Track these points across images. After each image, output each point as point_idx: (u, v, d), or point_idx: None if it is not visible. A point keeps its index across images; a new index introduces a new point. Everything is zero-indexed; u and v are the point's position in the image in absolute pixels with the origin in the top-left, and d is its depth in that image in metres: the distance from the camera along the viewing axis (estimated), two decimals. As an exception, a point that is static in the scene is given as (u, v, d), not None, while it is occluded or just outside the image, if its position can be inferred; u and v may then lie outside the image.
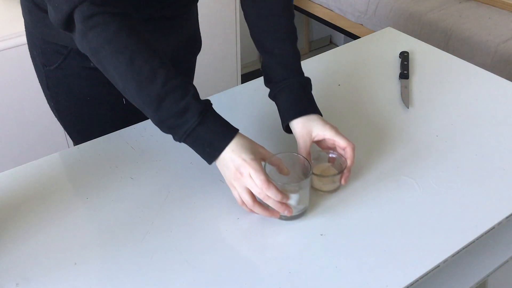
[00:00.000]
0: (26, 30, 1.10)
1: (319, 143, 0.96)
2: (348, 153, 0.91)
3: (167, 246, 0.83)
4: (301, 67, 1.00)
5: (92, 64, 1.02)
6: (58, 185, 0.95)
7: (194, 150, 0.86)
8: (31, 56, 1.12)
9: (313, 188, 0.93)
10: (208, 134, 0.84)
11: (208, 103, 0.85)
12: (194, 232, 0.86)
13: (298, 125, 0.94)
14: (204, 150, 0.85)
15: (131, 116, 1.09)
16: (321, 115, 0.96)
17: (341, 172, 0.91)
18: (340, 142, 0.91)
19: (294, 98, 0.96)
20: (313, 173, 0.90)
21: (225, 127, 0.85)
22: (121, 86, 0.84)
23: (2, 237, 0.85)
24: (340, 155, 0.93)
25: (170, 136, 1.03)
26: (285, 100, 0.96)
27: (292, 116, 0.94)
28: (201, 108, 0.82)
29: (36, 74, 1.14)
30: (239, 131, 0.86)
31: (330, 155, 0.95)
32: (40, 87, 1.87)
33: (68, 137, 2.02)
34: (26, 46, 1.79)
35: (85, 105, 1.11)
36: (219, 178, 0.96)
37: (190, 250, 0.82)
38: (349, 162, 0.91)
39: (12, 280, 0.78)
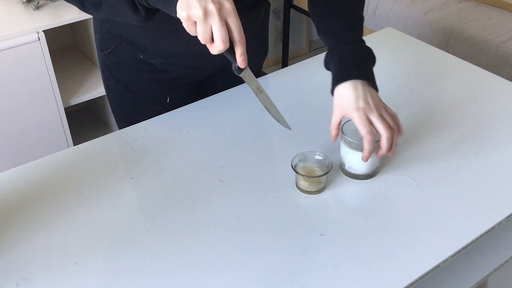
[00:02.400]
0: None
1: None
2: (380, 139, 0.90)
3: (167, 246, 0.83)
4: (357, 37, 0.99)
5: (141, 56, 1.09)
6: (58, 185, 0.95)
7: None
8: (94, 39, 1.17)
9: (298, 189, 0.93)
10: None
11: None
12: (194, 232, 0.86)
13: (336, 94, 0.94)
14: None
15: None
16: (367, 79, 0.94)
17: (326, 173, 0.91)
18: (360, 130, 0.90)
19: (338, 65, 0.95)
20: (298, 173, 0.91)
21: None
22: None
23: (2, 237, 0.85)
24: (326, 156, 0.93)
25: (170, 136, 1.04)
26: (333, 69, 0.96)
27: (333, 84, 0.95)
28: None
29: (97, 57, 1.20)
30: None
31: (316, 157, 0.94)
32: (39, 87, 1.88)
33: (68, 137, 2.02)
34: (26, 46, 1.80)
35: (130, 95, 1.16)
36: (219, 178, 0.96)
37: (190, 250, 0.82)
38: (382, 149, 0.90)
39: (12, 280, 0.78)
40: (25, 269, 0.80)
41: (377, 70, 1.00)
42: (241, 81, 1.23)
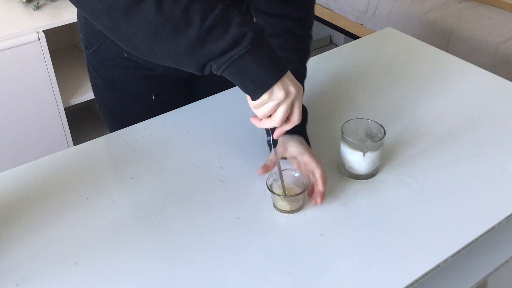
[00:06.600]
0: (77, 13, 1.16)
1: (291, 160, 0.94)
2: (317, 175, 0.88)
3: (167, 246, 0.83)
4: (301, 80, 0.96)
5: (125, 54, 1.09)
6: (58, 185, 0.95)
7: (235, 82, 0.78)
8: (80, 38, 1.18)
9: (276, 209, 0.89)
10: (254, 67, 0.75)
11: (258, 29, 0.74)
12: (194, 232, 0.86)
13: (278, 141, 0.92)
14: (247, 86, 0.77)
15: (159, 111, 1.13)
16: (305, 139, 0.94)
17: (304, 190, 0.88)
18: (309, 164, 0.89)
19: None
20: (275, 194, 0.87)
21: (274, 62, 0.76)
22: (149, 43, 0.72)
23: (2, 237, 0.85)
24: (303, 174, 0.90)
25: (170, 136, 1.03)
26: None
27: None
28: (249, 37, 0.73)
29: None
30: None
31: (293, 173, 0.92)
32: (39, 87, 1.88)
33: (68, 137, 2.02)
34: (26, 46, 1.80)
35: (116, 92, 1.16)
36: (219, 178, 0.96)
37: (190, 250, 0.82)
38: (320, 185, 0.88)
39: (12, 280, 0.78)
40: (25, 269, 0.80)
41: (377, 70, 1.01)
42: (227, 80, 1.24)
